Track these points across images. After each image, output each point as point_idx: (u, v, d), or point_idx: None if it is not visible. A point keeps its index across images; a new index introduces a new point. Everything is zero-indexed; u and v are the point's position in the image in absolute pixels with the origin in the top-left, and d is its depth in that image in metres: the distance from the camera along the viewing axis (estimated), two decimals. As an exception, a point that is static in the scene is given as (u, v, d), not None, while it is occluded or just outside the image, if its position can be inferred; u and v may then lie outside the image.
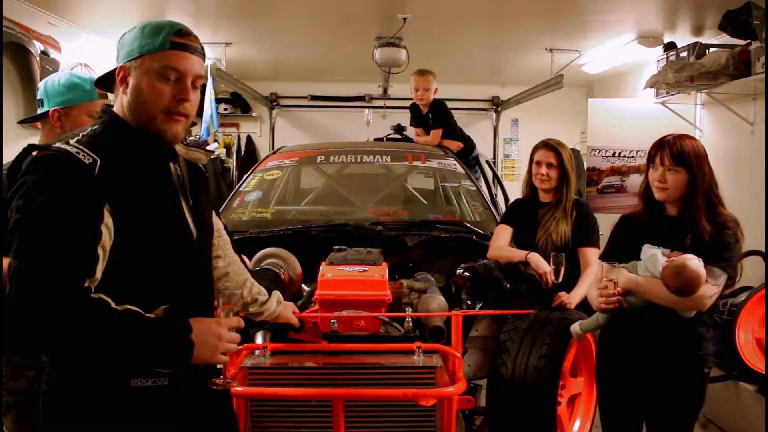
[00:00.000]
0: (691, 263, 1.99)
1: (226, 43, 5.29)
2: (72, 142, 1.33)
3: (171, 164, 1.48)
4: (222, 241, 1.75)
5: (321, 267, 2.51)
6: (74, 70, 4.14)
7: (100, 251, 1.27)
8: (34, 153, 1.31)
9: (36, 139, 2.11)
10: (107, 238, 1.29)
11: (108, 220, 1.29)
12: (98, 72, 4.73)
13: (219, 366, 1.47)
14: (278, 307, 1.91)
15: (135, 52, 1.39)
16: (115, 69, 1.44)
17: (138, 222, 1.34)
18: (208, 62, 5.51)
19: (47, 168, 1.28)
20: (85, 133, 1.39)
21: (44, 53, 3.83)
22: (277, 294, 1.92)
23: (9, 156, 2.14)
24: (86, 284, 1.25)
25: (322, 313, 2.35)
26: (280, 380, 2.09)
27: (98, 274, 1.28)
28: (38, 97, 2.10)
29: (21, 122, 3.20)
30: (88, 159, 1.30)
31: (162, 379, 1.38)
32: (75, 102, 2.03)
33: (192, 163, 1.57)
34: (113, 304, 1.26)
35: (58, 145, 1.32)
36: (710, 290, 2.01)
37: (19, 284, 1.21)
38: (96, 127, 1.42)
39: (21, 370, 2.00)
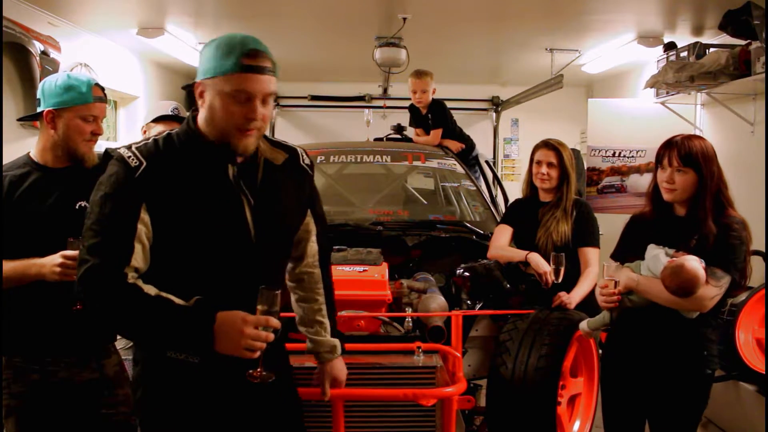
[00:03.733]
0: (689, 264, 1.98)
1: (226, 43, 5.28)
2: (133, 147, 1.51)
3: (229, 165, 1.53)
4: (309, 246, 1.74)
5: (321, 267, 2.50)
6: (74, 71, 4.14)
7: (137, 244, 1.43)
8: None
9: (35, 139, 2.10)
10: (143, 232, 1.44)
11: (145, 216, 1.44)
12: (98, 72, 4.73)
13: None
14: (327, 354, 1.78)
15: (210, 72, 1.48)
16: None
17: (177, 220, 1.46)
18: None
19: (108, 168, 1.50)
20: (156, 137, 1.54)
21: (44, 53, 3.82)
22: (335, 342, 1.79)
23: (9, 156, 2.15)
24: (124, 270, 1.41)
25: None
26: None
27: (136, 263, 1.44)
28: (37, 96, 2.09)
29: (20, 120, 3.20)
30: (135, 162, 1.46)
31: (193, 357, 1.51)
32: (68, 104, 2.02)
33: (274, 163, 1.60)
34: (146, 290, 1.42)
35: (121, 148, 1.51)
36: (711, 292, 2.00)
37: (78, 262, 1.46)
38: (175, 130, 1.57)
39: (24, 373, 1.99)
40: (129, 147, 1.50)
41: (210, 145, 1.51)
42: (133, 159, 1.46)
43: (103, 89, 2.11)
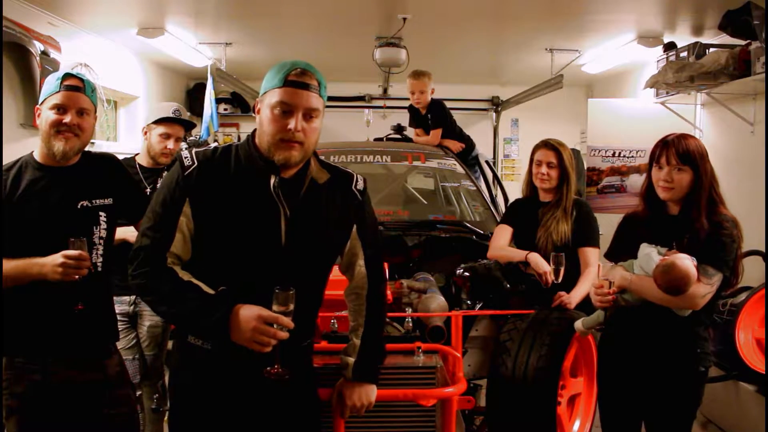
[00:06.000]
0: (680, 262, 1.98)
1: (226, 43, 5.29)
2: (194, 150, 1.66)
3: (272, 176, 1.63)
4: (357, 270, 1.80)
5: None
6: (74, 70, 4.14)
7: (178, 233, 1.60)
8: None
9: (35, 139, 2.10)
10: (184, 223, 1.61)
11: (187, 209, 1.60)
12: (98, 72, 4.72)
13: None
14: (343, 371, 1.83)
15: (263, 89, 1.64)
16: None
17: (215, 218, 1.61)
18: (207, 62, 5.52)
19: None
20: (218, 146, 1.70)
21: (44, 53, 3.82)
22: (349, 361, 1.82)
23: (9, 156, 2.14)
24: (165, 255, 1.58)
25: (322, 313, 2.35)
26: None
27: (176, 250, 1.60)
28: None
29: None
30: (188, 162, 1.63)
31: (207, 344, 1.64)
32: (43, 97, 2.02)
33: (318, 182, 1.70)
34: (180, 275, 1.58)
35: (184, 150, 1.68)
36: (703, 289, 2.01)
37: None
38: (239, 140, 1.71)
39: (26, 374, 1.98)
40: (191, 150, 1.67)
41: (258, 156, 1.63)
42: (188, 159, 1.63)
43: (82, 79, 2.04)
